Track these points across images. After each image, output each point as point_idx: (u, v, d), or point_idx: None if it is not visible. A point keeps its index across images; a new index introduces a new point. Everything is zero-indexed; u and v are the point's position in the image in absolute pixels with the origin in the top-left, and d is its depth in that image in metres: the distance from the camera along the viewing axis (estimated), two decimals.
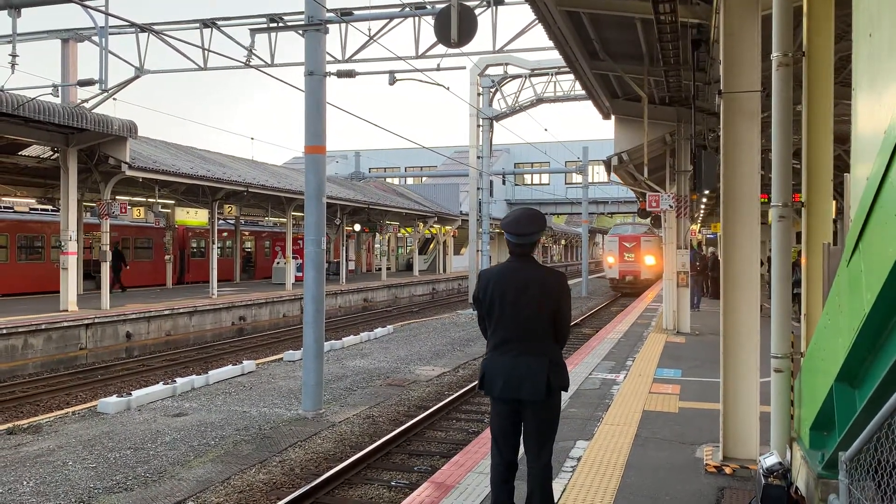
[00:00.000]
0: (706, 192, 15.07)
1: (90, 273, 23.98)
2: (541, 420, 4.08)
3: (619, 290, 36.48)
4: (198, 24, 17.59)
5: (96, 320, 16.16)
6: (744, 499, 4.99)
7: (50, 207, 24.46)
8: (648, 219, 28.16)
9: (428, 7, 15.64)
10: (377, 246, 46.22)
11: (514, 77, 26.49)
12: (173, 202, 26.46)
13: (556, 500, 4.76)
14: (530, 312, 4.04)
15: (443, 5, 11.99)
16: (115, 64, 25.06)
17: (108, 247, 18.56)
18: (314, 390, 10.64)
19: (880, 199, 2.44)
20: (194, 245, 30.13)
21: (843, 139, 10.62)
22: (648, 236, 35.37)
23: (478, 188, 27.58)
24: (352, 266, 38.73)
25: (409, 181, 58.59)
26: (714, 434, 6.43)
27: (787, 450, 4.51)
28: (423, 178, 58.70)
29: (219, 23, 17.52)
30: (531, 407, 4.05)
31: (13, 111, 14.17)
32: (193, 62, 17.80)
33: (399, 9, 16.01)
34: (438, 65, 16.83)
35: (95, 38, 17.48)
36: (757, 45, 5.88)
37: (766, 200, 5.18)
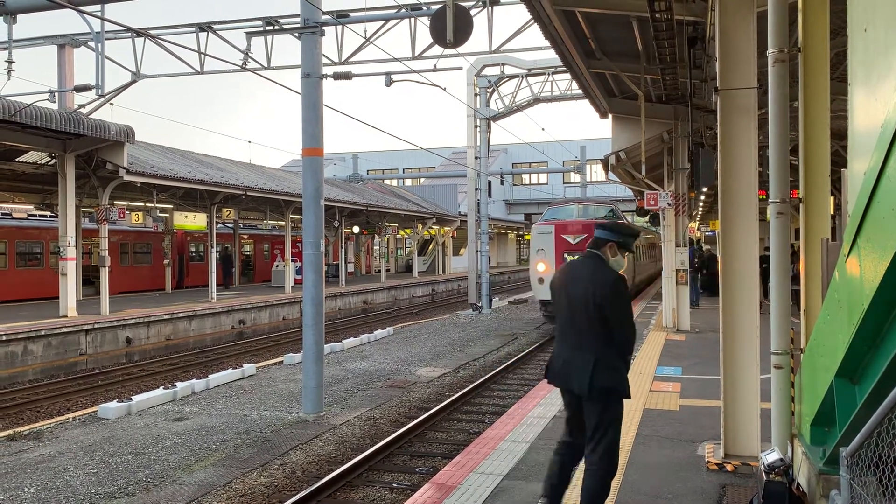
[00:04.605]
0: (704, 189, 15.09)
1: (89, 279, 23.95)
2: (591, 417, 4.14)
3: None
4: (194, 29, 17.59)
5: (96, 326, 16.15)
6: (746, 496, 4.98)
7: (48, 213, 24.46)
8: (639, 211, 20.96)
9: (423, 8, 15.65)
10: (376, 248, 46.24)
11: (511, 77, 26.49)
12: (171, 206, 26.44)
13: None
14: (578, 307, 4.17)
15: (438, 6, 11.99)
16: (111, 69, 25.08)
17: (106, 252, 18.47)
18: (315, 393, 10.63)
19: (878, 194, 2.44)
20: (193, 249, 30.11)
21: (840, 135, 10.63)
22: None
23: (476, 188, 27.56)
24: (351, 268, 38.71)
25: (408, 182, 58.61)
26: (715, 431, 6.42)
27: (789, 446, 4.51)
28: (422, 180, 58.74)
29: (215, 26, 17.52)
30: (583, 401, 4.16)
31: (10, 117, 14.15)
32: (190, 66, 17.81)
33: (395, 10, 16.02)
34: (435, 66, 16.86)
35: (92, 44, 17.49)
36: (753, 42, 5.88)
37: (764, 197, 5.17)
